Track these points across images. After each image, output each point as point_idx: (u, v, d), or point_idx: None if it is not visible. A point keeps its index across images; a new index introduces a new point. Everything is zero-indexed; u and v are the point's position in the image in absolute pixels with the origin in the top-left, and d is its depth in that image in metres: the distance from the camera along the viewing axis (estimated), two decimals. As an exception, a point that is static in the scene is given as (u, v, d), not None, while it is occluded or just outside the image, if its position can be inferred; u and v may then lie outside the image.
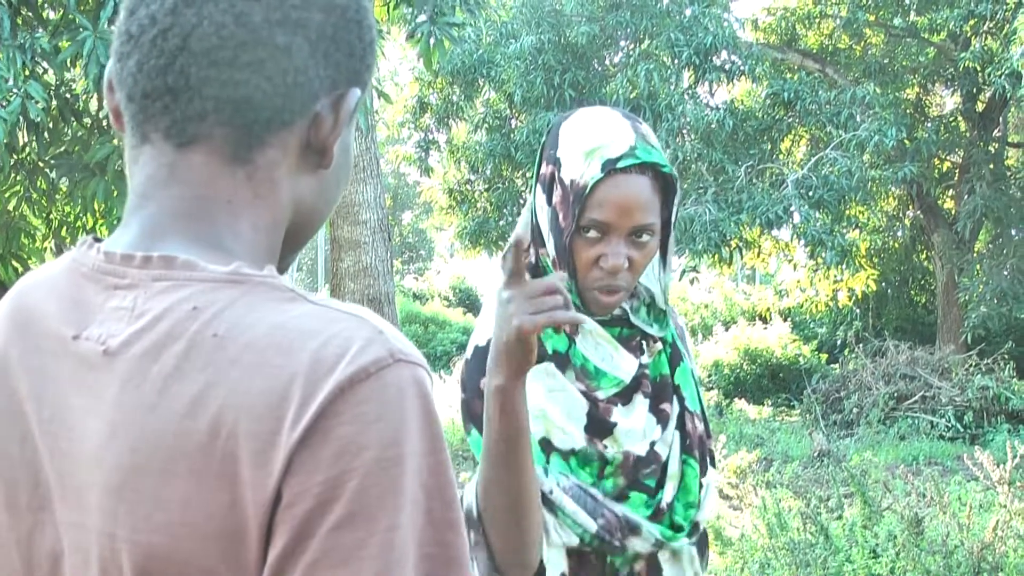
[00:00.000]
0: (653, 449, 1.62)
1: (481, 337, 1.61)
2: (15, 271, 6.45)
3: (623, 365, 1.63)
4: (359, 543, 0.71)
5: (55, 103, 5.52)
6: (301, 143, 0.86)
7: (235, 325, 0.76)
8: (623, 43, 15.15)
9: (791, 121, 14.70)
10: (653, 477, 1.62)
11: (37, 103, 4.86)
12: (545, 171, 1.61)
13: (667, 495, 1.62)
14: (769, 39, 16.20)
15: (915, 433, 11.58)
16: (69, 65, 5.17)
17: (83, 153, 5.60)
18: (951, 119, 16.05)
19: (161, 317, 0.78)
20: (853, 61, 15.87)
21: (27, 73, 4.83)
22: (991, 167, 14.77)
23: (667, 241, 1.62)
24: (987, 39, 13.72)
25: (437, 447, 0.75)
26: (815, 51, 16.15)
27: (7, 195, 6.42)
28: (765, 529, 4.93)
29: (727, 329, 17.57)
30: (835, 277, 16.31)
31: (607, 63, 15.39)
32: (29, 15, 5.31)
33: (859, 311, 17.33)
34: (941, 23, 14.03)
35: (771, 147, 14.98)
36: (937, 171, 16.22)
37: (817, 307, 17.98)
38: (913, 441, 11.13)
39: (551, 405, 1.58)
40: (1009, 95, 12.55)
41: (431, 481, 0.74)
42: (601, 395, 1.61)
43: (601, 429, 1.59)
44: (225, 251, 0.83)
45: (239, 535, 0.73)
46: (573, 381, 1.61)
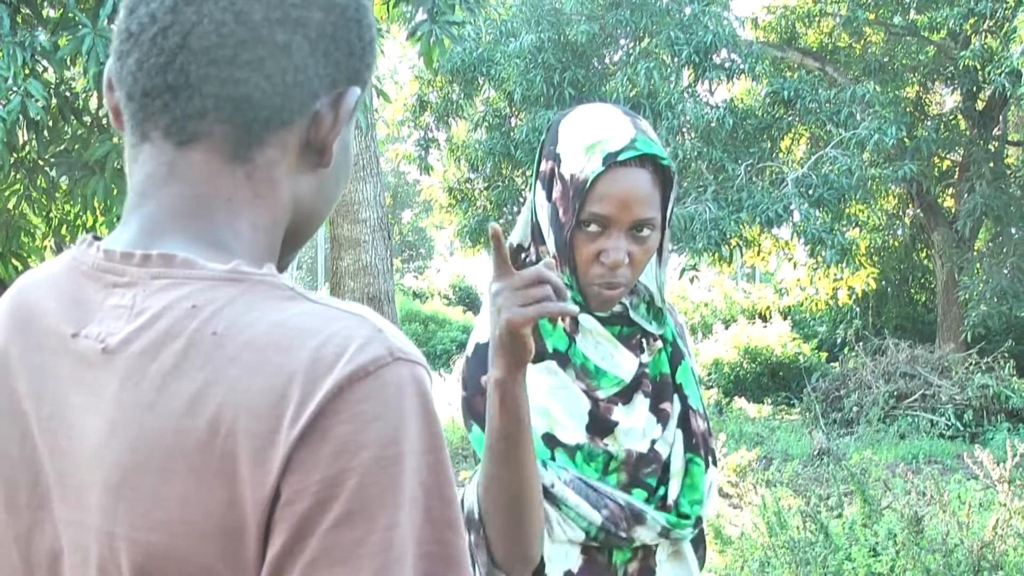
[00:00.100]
0: (653, 448, 1.62)
1: (482, 334, 1.61)
2: (15, 269, 6.45)
3: (623, 364, 1.63)
4: (358, 541, 0.70)
5: (55, 101, 5.51)
6: (301, 142, 0.86)
7: (234, 323, 0.76)
8: (623, 41, 15.15)
9: (791, 119, 14.69)
10: (654, 476, 1.61)
11: (37, 101, 4.85)
12: (545, 168, 1.60)
13: (672, 492, 1.61)
14: (769, 37, 16.21)
15: (915, 432, 11.58)
16: (69, 63, 5.16)
17: (83, 151, 5.59)
18: (951, 117, 16.04)
19: (160, 315, 0.78)
20: (853, 59, 15.87)
21: (27, 71, 4.83)
22: (991, 165, 14.78)
23: (663, 237, 1.62)
24: (987, 37, 13.71)
25: (436, 446, 0.75)
26: (815, 49, 16.15)
27: (7, 193, 6.42)
28: (765, 527, 4.93)
29: (727, 327, 17.58)
30: (835, 275, 16.33)
31: (607, 61, 15.38)
32: (28, 13, 5.30)
33: (859, 309, 17.33)
34: (941, 21, 14.03)
35: (771, 145, 14.98)
36: (937, 169, 16.22)
37: (817, 305, 17.98)
38: (913, 440, 11.13)
39: (553, 402, 1.58)
40: (1009, 93, 12.55)
41: (430, 480, 0.74)
42: (601, 394, 1.61)
43: (602, 428, 1.59)
44: (224, 249, 0.83)
45: (238, 533, 0.73)
46: (573, 380, 1.60)
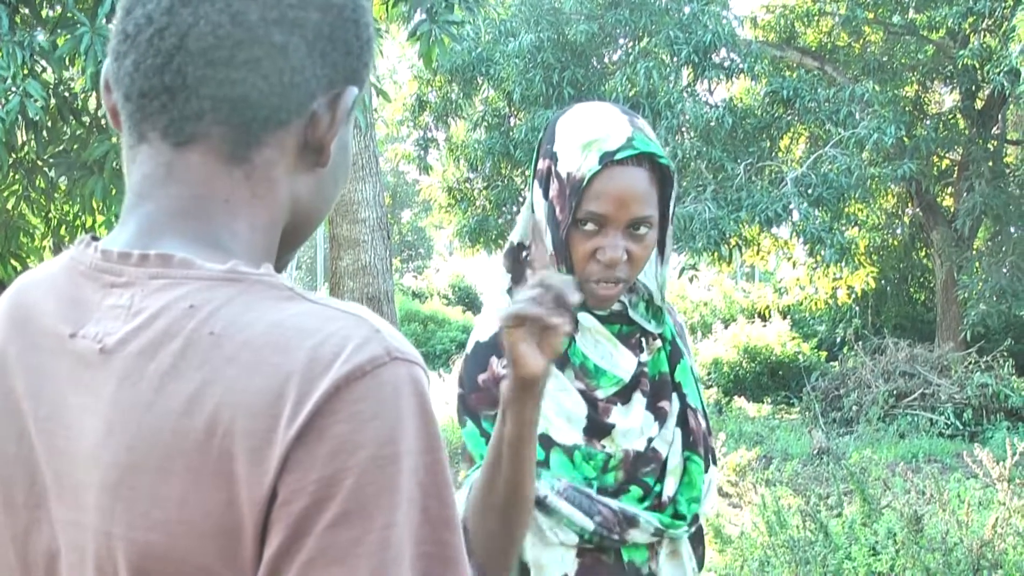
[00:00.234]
0: (651, 446, 1.62)
1: (482, 334, 1.61)
2: (14, 270, 6.45)
3: (622, 363, 1.62)
4: (355, 541, 0.70)
5: (54, 102, 5.50)
6: (298, 142, 0.86)
7: (232, 323, 0.76)
8: (622, 41, 15.15)
9: (790, 119, 14.69)
10: (652, 475, 1.61)
11: (36, 101, 4.85)
12: (542, 166, 1.60)
13: (668, 489, 1.61)
14: (768, 37, 16.20)
15: (914, 431, 11.59)
16: (67, 63, 5.16)
17: (82, 152, 5.59)
18: (950, 117, 16.05)
19: (158, 315, 0.78)
20: (852, 59, 15.88)
21: (26, 71, 4.82)
22: (990, 164, 14.78)
23: (664, 236, 1.61)
24: (986, 36, 13.71)
25: (433, 445, 0.75)
26: (814, 49, 16.16)
27: (6, 194, 6.42)
28: (765, 527, 4.93)
29: (726, 327, 17.58)
30: (834, 275, 16.32)
31: (606, 61, 15.38)
32: (27, 13, 5.30)
33: (858, 309, 17.33)
34: (940, 20, 14.03)
35: (770, 145, 14.98)
36: (936, 169, 16.22)
37: (816, 305, 17.98)
38: (912, 439, 11.13)
39: (550, 404, 1.57)
40: (1008, 92, 12.55)
41: (427, 479, 0.74)
42: (600, 394, 1.60)
43: (600, 430, 1.59)
44: (222, 250, 0.83)
45: (235, 533, 0.73)
46: (572, 380, 1.60)
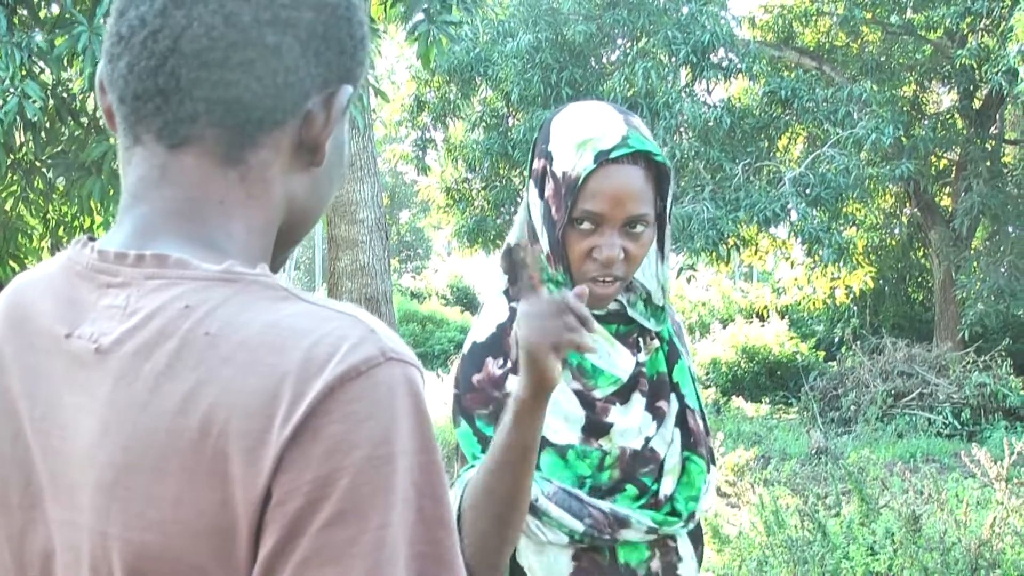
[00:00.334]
0: (649, 446, 1.61)
1: (479, 334, 1.61)
2: (12, 270, 6.45)
3: (620, 363, 1.62)
4: (350, 541, 0.70)
5: (52, 102, 5.50)
6: (293, 142, 0.86)
7: (227, 323, 0.76)
8: (620, 41, 15.16)
9: (788, 119, 14.70)
10: (650, 476, 1.61)
11: (34, 102, 4.85)
12: (537, 166, 1.60)
13: (666, 488, 1.60)
14: (766, 37, 16.21)
15: (912, 430, 11.59)
16: (66, 64, 5.16)
17: (80, 152, 5.59)
18: (948, 116, 16.06)
19: (153, 315, 0.78)
20: (850, 59, 15.89)
21: (24, 72, 4.82)
22: (988, 164, 14.79)
23: (663, 234, 1.61)
24: (984, 36, 13.73)
25: (428, 446, 0.75)
26: (812, 49, 16.17)
27: (4, 195, 6.42)
28: (763, 527, 4.93)
29: (725, 327, 17.59)
30: (832, 275, 16.34)
31: (604, 61, 15.39)
32: (25, 14, 5.30)
33: (856, 308, 17.35)
34: (938, 20, 14.04)
35: (768, 145, 14.99)
36: (934, 168, 16.24)
37: (815, 305, 18.00)
38: (911, 438, 11.14)
39: (548, 406, 1.57)
40: (1006, 92, 12.56)
41: (422, 479, 0.74)
42: (599, 394, 1.60)
43: (598, 430, 1.58)
44: (218, 250, 0.83)
45: (230, 533, 0.73)
46: (570, 380, 1.59)
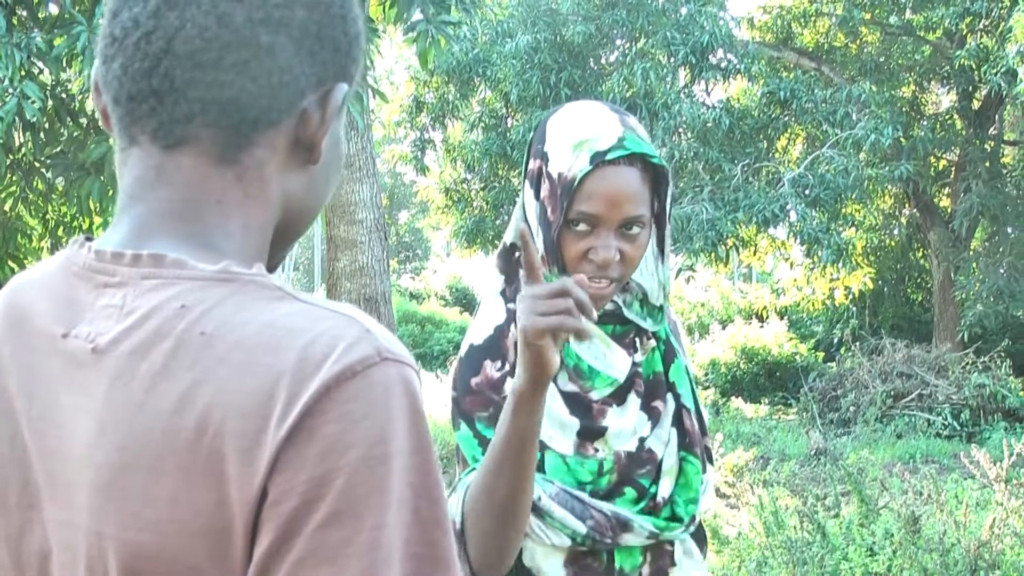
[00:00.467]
0: (645, 447, 1.60)
1: (476, 336, 1.60)
2: (11, 271, 6.45)
3: (616, 364, 1.60)
4: (345, 541, 0.70)
5: (51, 103, 5.51)
6: (289, 141, 0.85)
7: (223, 323, 0.76)
8: (619, 42, 15.16)
9: (787, 120, 14.71)
10: (648, 476, 1.60)
11: (33, 103, 4.85)
12: (533, 166, 1.59)
13: (663, 490, 1.60)
14: (765, 37, 16.22)
15: (912, 431, 11.60)
16: (65, 64, 5.16)
17: (79, 153, 5.59)
18: (947, 117, 16.07)
19: (150, 315, 0.78)
20: (849, 59, 15.90)
21: (23, 73, 4.82)
22: (987, 165, 14.80)
23: (662, 234, 1.60)
24: (983, 37, 13.73)
25: (424, 446, 0.75)
26: (811, 49, 16.17)
27: (3, 195, 6.42)
28: (762, 527, 4.93)
29: (724, 328, 17.61)
30: (832, 275, 16.33)
31: (603, 62, 15.39)
32: (24, 15, 5.30)
33: (855, 309, 17.35)
34: (937, 21, 14.05)
35: (767, 146, 14.99)
36: (933, 169, 16.24)
37: (814, 305, 18.00)
38: (910, 439, 11.14)
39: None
40: (1005, 93, 12.57)
41: (418, 480, 0.74)
42: (595, 395, 1.59)
43: (593, 434, 1.58)
44: (215, 250, 0.83)
45: (225, 533, 0.73)
46: (566, 382, 1.59)
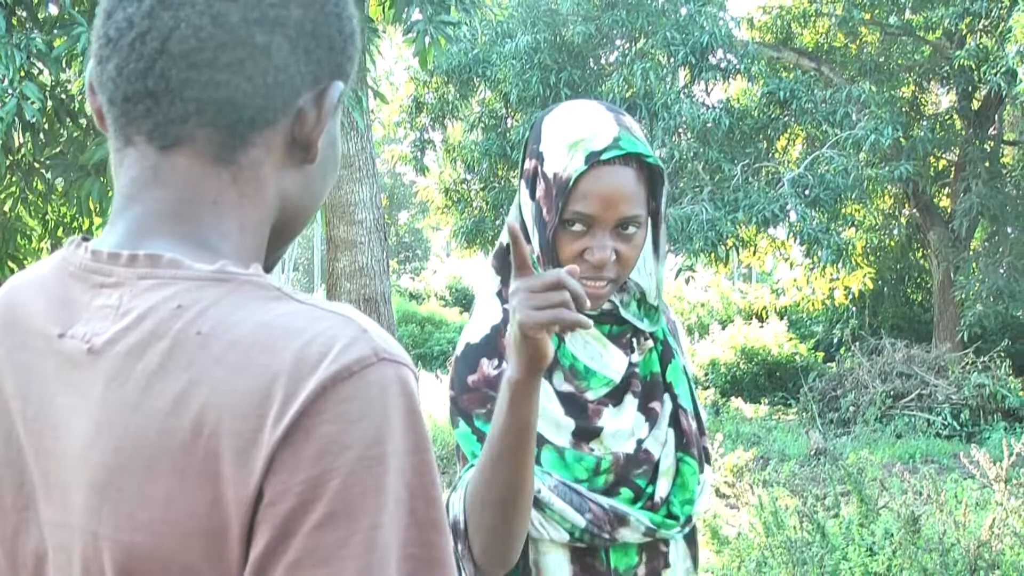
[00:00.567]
0: (642, 448, 1.60)
1: (472, 335, 1.60)
2: (11, 271, 6.44)
3: (612, 364, 1.61)
4: (341, 542, 0.70)
5: (51, 104, 5.51)
6: (286, 140, 0.85)
7: (219, 323, 0.76)
8: (619, 42, 15.16)
9: (787, 120, 14.70)
10: (644, 477, 1.59)
11: (33, 104, 4.85)
12: (528, 166, 1.59)
13: (661, 490, 1.59)
14: (765, 38, 16.22)
15: (912, 431, 11.60)
16: (65, 65, 5.16)
17: (79, 154, 5.59)
18: (947, 117, 16.07)
19: (146, 315, 0.78)
20: (849, 59, 15.90)
21: (23, 73, 4.82)
22: (987, 165, 14.80)
23: (658, 234, 1.60)
24: (982, 37, 13.73)
25: (421, 446, 0.74)
26: (811, 49, 16.17)
27: (3, 196, 6.42)
28: (762, 527, 4.92)
29: (724, 328, 17.60)
30: (831, 275, 16.33)
31: (603, 62, 15.39)
32: (24, 16, 5.30)
33: (855, 309, 17.35)
34: (936, 21, 14.05)
35: (767, 146, 14.99)
36: (933, 169, 16.24)
37: (813, 305, 18.00)
38: (910, 439, 11.14)
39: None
40: (1004, 93, 12.57)
41: (414, 480, 0.73)
42: (591, 395, 1.59)
43: (588, 434, 1.57)
44: (211, 250, 0.82)
45: (221, 533, 0.73)
46: (562, 382, 1.59)
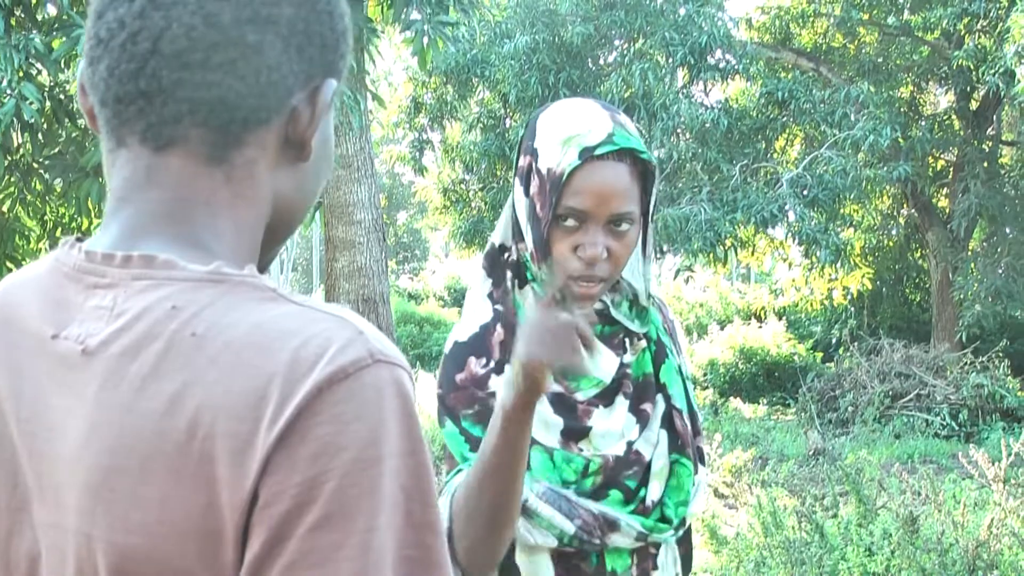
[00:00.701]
0: (632, 449, 1.59)
1: (460, 334, 1.59)
2: (9, 272, 6.43)
3: (603, 365, 1.59)
4: (336, 544, 0.70)
5: (49, 104, 5.50)
6: (279, 139, 0.85)
7: (214, 324, 0.75)
8: (617, 42, 15.16)
9: (785, 120, 14.70)
10: (635, 478, 1.58)
11: (31, 104, 4.85)
12: (523, 163, 1.59)
13: (653, 492, 1.58)
14: (763, 38, 16.22)
15: (910, 431, 11.59)
16: (63, 66, 5.16)
17: (77, 154, 5.59)
18: (945, 117, 16.08)
19: (140, 316, 0.78)
20: (847, 60, 15.90)
21: (21, 74, 4.82)
22: (985, 165, 14.81)
23: (646, 232, 1.59)
24: (980, 37, 13.73)
25: (416, 448, 0.74)
26: (809, 50, 16.18)
27: (1, 196, 6.42)
28: (760, 528, 4.92)
29: (722, 328, 17.59)
30: (830, 276, 16.34)
31: (602, 62, 15.39)
32: (23, 16, 5.30)
33: (854, 309, 17.35)
34: (935, 21, 14.05)
35: (766, 146, 14.99)
36: (931, 170, 16.24)
37: (812, 306, 18.01)
38: (908, 439, 11.14)
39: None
40: (1003, 93, 12.57)
41: (410, 482, 0.73)
42: (580, 396, 1.58)
43: (576, 434, 1.57)
44: (206, 250, 0.82)
45: (216, 535, 0.72)
46: (552, 382, 1.58)
